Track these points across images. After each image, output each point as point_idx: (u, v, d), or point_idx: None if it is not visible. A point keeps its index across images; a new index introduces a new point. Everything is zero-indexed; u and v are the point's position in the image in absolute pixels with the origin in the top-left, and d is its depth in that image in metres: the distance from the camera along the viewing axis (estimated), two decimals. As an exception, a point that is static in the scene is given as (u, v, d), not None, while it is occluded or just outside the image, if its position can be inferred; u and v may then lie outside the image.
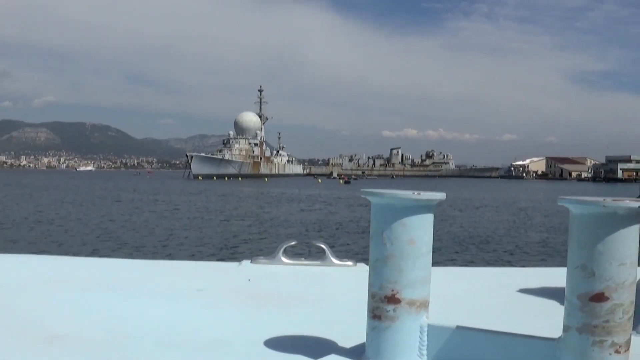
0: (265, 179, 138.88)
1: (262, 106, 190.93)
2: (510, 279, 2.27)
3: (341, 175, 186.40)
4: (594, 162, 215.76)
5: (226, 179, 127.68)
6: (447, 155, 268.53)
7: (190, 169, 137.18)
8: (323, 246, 2.32)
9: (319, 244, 2.32)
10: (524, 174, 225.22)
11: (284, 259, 2.30)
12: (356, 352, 1.19)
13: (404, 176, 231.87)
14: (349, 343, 1.25)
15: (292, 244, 2.35)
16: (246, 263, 2.33)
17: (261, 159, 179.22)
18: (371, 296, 1.12)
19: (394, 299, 1.08)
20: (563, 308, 1.02)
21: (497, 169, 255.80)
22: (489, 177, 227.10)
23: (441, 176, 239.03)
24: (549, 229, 25.93)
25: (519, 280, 2.14)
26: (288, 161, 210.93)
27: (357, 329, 1.20)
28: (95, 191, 58.32)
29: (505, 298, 1.94)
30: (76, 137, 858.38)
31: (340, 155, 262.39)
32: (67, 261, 2.57)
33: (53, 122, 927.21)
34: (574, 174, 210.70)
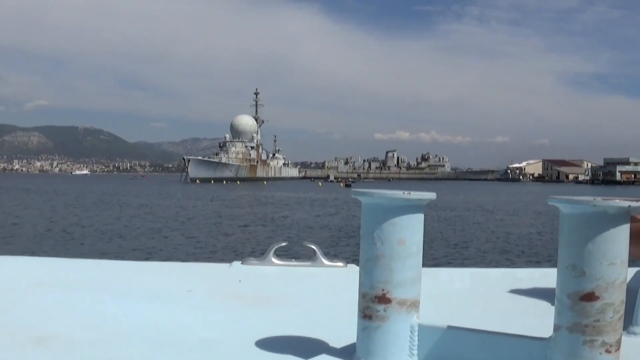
0: (263, 182, 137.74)
1: (258, 109, 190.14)
2: (501, 279, 2.26)
3: (338, 178, 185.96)
4: (591, 164, 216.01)
5: (224, 182, 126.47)
6: (443, 158, 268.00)
7: (187, 172, 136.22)
8: (313, 247, 2.31)
9: (310, 244, 2.32)
10: (520, 177, 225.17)
11: (275, 260, 2.29)
12: (347, 352, 1.19)
13: (399, 179, 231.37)
14: (339, 343, 1.25)
15: (283, 244, 2.34)
16: (237, 264, 2.32)
17: (258, 162, 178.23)
18: (362, 296, 1.12)
19: (384, 299, 1.08)
20: (554, 308, 1.02)
21: (492, 171, 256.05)
22: (485, 180, 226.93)
23: (437, 179, 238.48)
24: (549, 229, 25.55)
25: (510, 280, 2.14)
26: (284, 164, 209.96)
27: (347, 329, 1.19)
28: (99, 196, 57.21)
29: (496, 298, 1.92)
30: (68, 141, 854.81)
31: (336, 159, 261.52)
32: (56, 262, 2.54)
33: (45, 126, 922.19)
34: (571, 177, 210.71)
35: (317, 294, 1.97)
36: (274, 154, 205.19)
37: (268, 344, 1.31)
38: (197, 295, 1.88)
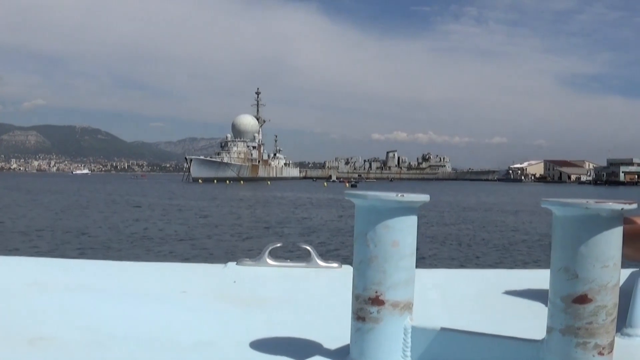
0: (267, 182, 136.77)
1: (260, 109, 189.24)
2: (495, 280, 2.26)
3: (340, 178, 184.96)
4: (594, 165, 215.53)
5: (227, 182, 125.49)
6: (444, 158, 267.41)
7: (190, 172, 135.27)
8: (308, 248, 2.30)
9: (304, 245, 2.31)
10: (522, 177, 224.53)
11: (269, 261, 2.28)
12: (340, 354, 1.19)
13: (400, 179, 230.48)
14: (333, 344, 1.25)
15: (278, 245, 2.33)
16: (231, 265, 2.30)
17: (259, 162, 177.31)
18: (355, 298, 1.12)
19: (377, 301, 1.08)
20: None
21: (493, 171, 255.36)
22: (487, 180, 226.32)
23: (438, 179, 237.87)
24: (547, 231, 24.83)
25: (504, 281, 2.13)
26: (285, 164, 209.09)
27: (341, 330, 1.19)
28: (106, 196, 56.19)
29: (489, 300, 1.92)
30: (66, 141, 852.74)
31: (336, 159, 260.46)
32: (50, 263, 2.52)
33: (43, 125, 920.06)
34: (573, 177, 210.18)
35: (312, 295, 1.97)
36: (275, 154, 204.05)
37: (262, 345, 1.31)
38: (192, 296, 1.87)
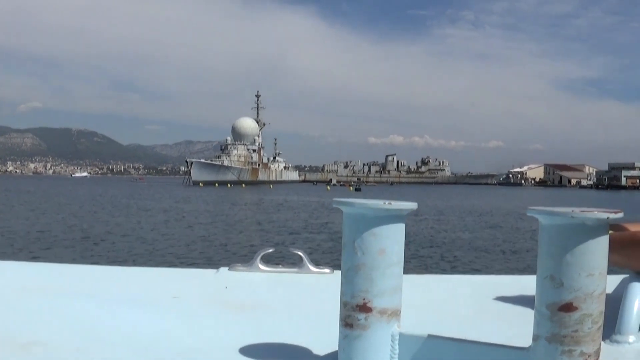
0: (270, 186, 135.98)
1: (259, 112, 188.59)
2: (483, 287, 2.25)
3: (341, 182, 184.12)
4: (595, 169, 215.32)
5: (229, 185, 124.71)
6: (443, 162, 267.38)
7: (190, 175, 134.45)
8: (300, 253, 2.31)
9: (296, 251, 2.31)
10: (522, 181, 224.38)
11: (261, 266, 2.28)
12: None
13: (399, 183, 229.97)
14: (322, 351, 1.25)
15: (270, 250, 2.34)
16: (223, 270, 2.31)
17: (259, 165, 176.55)
18: (343, 305, 1.12)
19: (365, 308, 1.09)
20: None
21: (493, 175, 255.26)
22: (486, 184, 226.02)
23: (437, 183, 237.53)
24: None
25: (492, 288, 2.12)
26: (285, 167, 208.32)
27: (331, 336, 1.19)
28: (110, 199, 55.30)
29: (478, 306, 1.91)
30: (62, 143, 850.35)
31: (335, 162, 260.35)
32: (41, 267, 2.51)
33: (39, 128, 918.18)
34: (573, 181, 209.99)
35: (303, 301, 1.97)
36: (274, 157, 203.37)
37: (252, 350, 1.31)
38: (183, 301, 1.87)
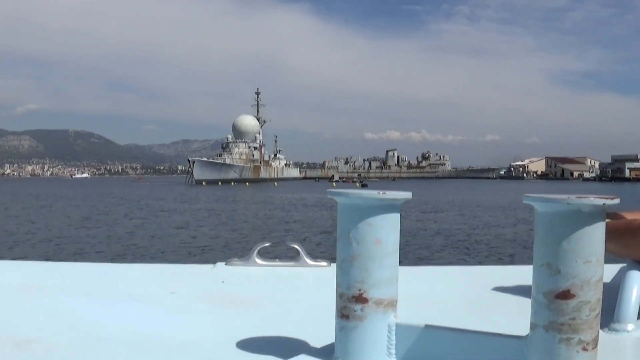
0: (274, 183, 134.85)
1: (260, 109, 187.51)
2: (480, 276, 2.26)
3: (343, 178, 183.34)
4: (597, 162, 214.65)
5: (232, 184, 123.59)
6: (444, 157, 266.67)
7: (192, 174, 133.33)
8: (297, 247, 2.31)
9: (293, 244, 2.32)
10: (524, 175, 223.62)
11: (258, 260, 2.29)
12: (326, 352, 1.20)
13: (400, 178, 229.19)
14: (320, 343, 1.26)
15: (267, 244, 2.34)
16: (220, 265, 2.32)
17: (261, 162, 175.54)
18: (339, 296, 1.13)
19: (361, 299, 1.09)
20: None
21: (494, 169, 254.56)
22: (487, 178, 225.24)
23: (438, 178, 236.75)
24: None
25: (489, 278, 2.13)
26: (285, 165, 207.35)
27: (328, 328, 1.19)
28: (119, 201, 54.37)
29: (474, 296, 1.92)
30: (59, 145, 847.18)
31: (336, 158, 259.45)
32: (37, 266, 2.52)
33: (36, 130, 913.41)
34: (575, 174, 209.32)
35: (300, 294, 1.97)
36: (275, 155, 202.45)
37: (249, 344, 1.32)
38: (180, 296, 1.87)
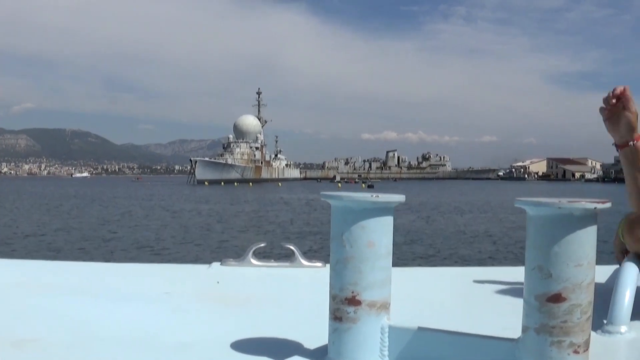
0: (278, 183, 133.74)
1: (261, 109, 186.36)
2: (472, 278, 2.24)
3: (345, 179, 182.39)
4: (597, 162, 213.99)
5: (235, 184, 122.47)
6: (444, 157, 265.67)
7: (194, 174, 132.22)
8: (292, 247, 2.31)
9: (288, 245, 2.31)
10: (526, 175, 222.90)
11: (253, 261, 2.29)
12: (319, 354, 1.20)
13: (401, 179, 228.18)
14: (313, 344, 1.25)
15: (262, 245, 2.34)
16: (216, 265, 2.32)
17: (262, 163, 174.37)
18: (332, 298, 1.13)
19: (354, 301, 1.09)
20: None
21: (494, 170, 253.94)
22: (488, 179, 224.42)
23: (438, 178, 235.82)
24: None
25: (482, 279, 2.13)
26: (286, 165, 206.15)
27: (322, 329, 1.19)
28: (130, 200, 53.21)
29: (467, 298, 1.92)
30: (56, 144, 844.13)
31: (336, 159, 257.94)
32: (33, 265, 2.51)
33: (33, 129, 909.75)
34: (577, 175, 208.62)
35: (295, 295, 1.97)
36: (276, 155, 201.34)
37: (243, 345, 1.32)
38: (175, 296, 1.86)
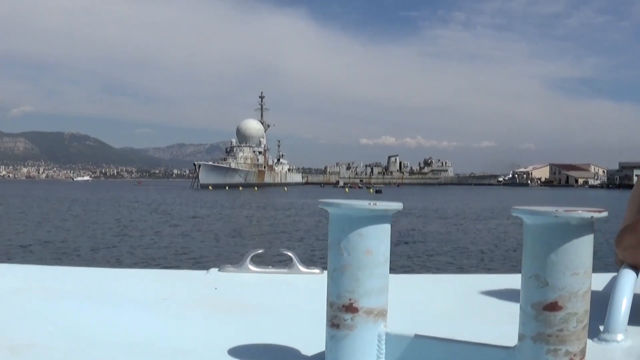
0: (284, 188, 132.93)
1: (264, 113, 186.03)
2: (469, 286, 2.24)
3: (348, 183, 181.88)
4: (600, 168, 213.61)
5: (240, 188, 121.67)
6: (446, 163, 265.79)
7: (198, 178, 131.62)
8: (290, 254, 2.30)
9: (286, 251, 2.30)
10: (528, 181, 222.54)
11: (251, 267, 2.29)
12: None
13: (403, 184, 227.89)
14: (310, 351, 1.24)
15: (260, 251, 2.34)
16: (214, 271, 2.31)
17: (265, 167, 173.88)
18: (329, 305, 1.12)
19: (351, 308, 1.08)
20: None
21: (496, 176, 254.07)
22: (490, 185, 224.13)
23: (440, 184, 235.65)
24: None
25: (479, 287, 2.12)
26: (289, 170, 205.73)
27: (320, 337, 1.17)
28: (139, 205, 52.34)
29: (464, 305, 1.91)
30: (55, 147, 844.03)
31: (337, 164, 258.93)
32: (31, 270, 2.52)
33: (31, 132, 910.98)
34: (580, 181, 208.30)
35: (293, 301, 1.97)
36: (278, 159, 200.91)
37: (240, 351, 1.31)
38: (173, 302, 1.87)
